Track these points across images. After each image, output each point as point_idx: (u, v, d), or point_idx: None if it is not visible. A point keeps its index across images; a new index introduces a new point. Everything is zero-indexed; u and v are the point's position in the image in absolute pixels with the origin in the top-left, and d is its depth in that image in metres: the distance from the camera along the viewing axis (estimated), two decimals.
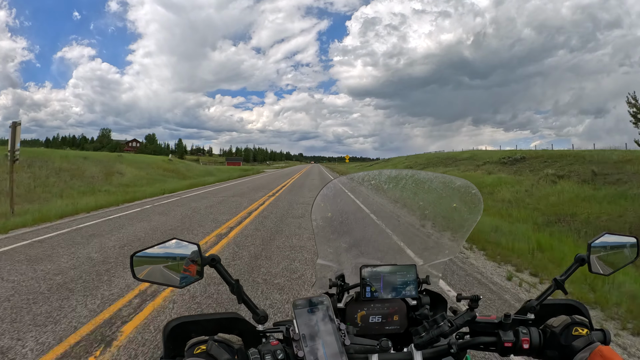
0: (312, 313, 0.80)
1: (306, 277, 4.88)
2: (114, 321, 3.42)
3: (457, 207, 1.20)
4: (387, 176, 1.30)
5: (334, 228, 1.23)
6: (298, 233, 7.75)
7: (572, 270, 0.98)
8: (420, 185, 1.28)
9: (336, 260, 1.18)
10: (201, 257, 0.83)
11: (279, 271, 5.10)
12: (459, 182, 1.21)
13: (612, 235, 1.03)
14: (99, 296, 3.98)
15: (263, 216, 9.91)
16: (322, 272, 1.15)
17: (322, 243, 1.17)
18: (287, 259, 5.70)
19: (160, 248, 0.83)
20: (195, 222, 8.87)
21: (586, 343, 0.80)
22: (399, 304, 1.08)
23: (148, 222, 8.74)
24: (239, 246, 6.48)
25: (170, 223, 8.70)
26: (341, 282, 1.12)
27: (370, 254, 1.29)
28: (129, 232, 7.50)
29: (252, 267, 5.28)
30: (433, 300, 1.13)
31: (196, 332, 0.80)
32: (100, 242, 6.54)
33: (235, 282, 0.85)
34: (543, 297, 0.95)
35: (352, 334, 0.86)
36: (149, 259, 0.83)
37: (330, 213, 1.22)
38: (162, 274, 0.83)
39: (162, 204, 12.15)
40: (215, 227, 8.14)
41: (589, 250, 0.99)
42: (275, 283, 4.59)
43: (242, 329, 0.84)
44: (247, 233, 7.62)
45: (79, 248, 6.05)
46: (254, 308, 0.84)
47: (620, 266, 1.04)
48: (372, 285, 1.04)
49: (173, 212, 10.39)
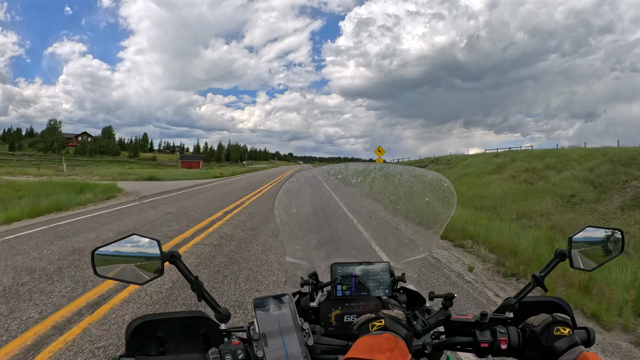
0: (274, 311, 0.78)
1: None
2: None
3: (429, 201, 1.14)
4: (354, 170, 1.24)
5: (301, 224, 1.18)
6: None
7: (552, 266, 0.93)
8: (390, 179, 1.22)
9: (306, 257, 1.14)
10: (161, 253, 0.81)
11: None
12: (430, 175, 1.15)
13: (594, 228, 0.97)
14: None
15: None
16: (293, 270, 1.11)
17: (289, 240, 1.14)
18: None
19: (120, 244, 0.82)
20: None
21: (568, 344, 0.74)
22: (374, 302, 1.04)
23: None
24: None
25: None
26: (313, 280, 1.08)
27: (344, 251, 1.25)
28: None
29: None
30: (410, 298, 1.09)
31: (161, 330, 0.80)
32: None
33: (195, 278, 0.82)
34: (522, 295, 0.91)
35: (320, 334, 0.84)
36: (110, 256, 0.82)
37: (295, 209, 1.17)
38: (123, 270, 0.82)
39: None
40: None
41: (570, 245, 0.94)
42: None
43: (206, 327, 0.83)
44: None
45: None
46: (215, 306, 0.81)
47: (603, 261, 0.98)
48: (343, 284, 1.01)
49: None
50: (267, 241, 6.39)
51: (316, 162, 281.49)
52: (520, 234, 7.10)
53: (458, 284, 4.60)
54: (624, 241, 0.97)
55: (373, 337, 0.69)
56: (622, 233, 0.97)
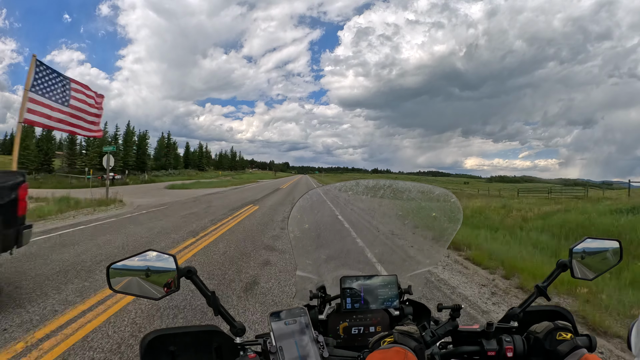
0: (290, 325, 0.79)
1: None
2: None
3: (436, 216, 1.19)
4: (364, 186, 1.28)
5: (312, 239, 1.21)
6: None
7: (554, 277, 0.96)
8: (399, 195, 1.27)
9: (316, 271, 1.17)
10: (177, 268, 0.82)
11: None
12: (438, 191, 1.20)
13: (593, 239, 1.02)
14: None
15: None
16: (302, 283, 1.14)
17: (301, 255, 1.16)
18: None
19: (137, 259, 0.82)
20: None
21: (571, 347, 0.78)
22: (381, 314, 1.07)
23: None
24: None
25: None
26: (322, 293, 1.10)
27: (352, 264, 1.27)
28: None
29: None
30: (416, 310, 1.12)
31: (174, 344, 0.80)
32: None
33: (211, 293, 0.83)
34: (526, 305, 0.94)
35: (332, 346, 0.84)
36: (125, 271, 0.81)
37: (308, 224, 1.20)
38: (139, 285, 0.81)
39: None
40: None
41: (570, 256, 0.98)
42: None
43: (220, 341, 0.83)
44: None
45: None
46: (231, 320, 0.82)
47: (603, 270, 1.02)
48: (352, 297, 1.02)
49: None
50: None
51: (316, 172, 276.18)
52: None
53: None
54: (622, 251, 1.01)
55: (383, 351, 0.73)
56: (620, 243, 1.02)
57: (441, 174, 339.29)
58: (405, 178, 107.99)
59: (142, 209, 12.86)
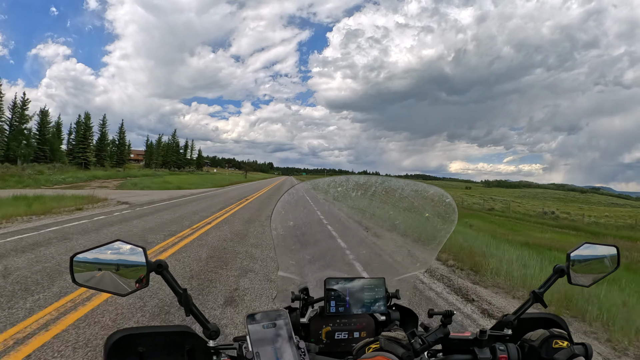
0: (269, 328, 0.73)
1: None
2: None
3: (429, 217, 1.14)
4: (355, 183, 1.22)
5: (297, 238, 1.16)
6: None
7: (551, 282, 0.94)
8: (391, 194, 1.21)
9: (299, 272, 1.12)
10: (147, 262, 0.76)
11: None
12: (432, 191, 1.15)
13: (591, 245, 0.99)
14: None
15: None
16: (284, 284, 1.08)
17: (283, 254, 1.10)
18: None
19: (102, 251, 0.76)
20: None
21: (568, 355, 0.76)
22: (367, 319, 1.02)
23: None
24: None
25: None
26: (304, 295, 1.05)
27: (337, 266, 1.22)
28: None
29: None
30: (403, 316, 1.08)
31: (143, 345, 0.75)
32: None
33: (183, 291, 0.77)
34: (521, 312, 0.91)
35: (314, 352, 0.81)
36: (90, 263, 0.75)
37: (292, 222, 1.14)
38: (105, 279, 0.75)
39: None
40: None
41: (568, 261, 0.95)
42: None
43: (192, 344, 0.78)
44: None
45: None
46: (204, 322, 0.77)
47: (600, 276, 1.00)
48: (337, 300, 0.98)
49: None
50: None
51: (303, 173, 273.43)
52: None
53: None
54: (619, 257, 0.99)
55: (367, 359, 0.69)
56: (618, 249, 1.00)
57: (428, 177, 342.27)
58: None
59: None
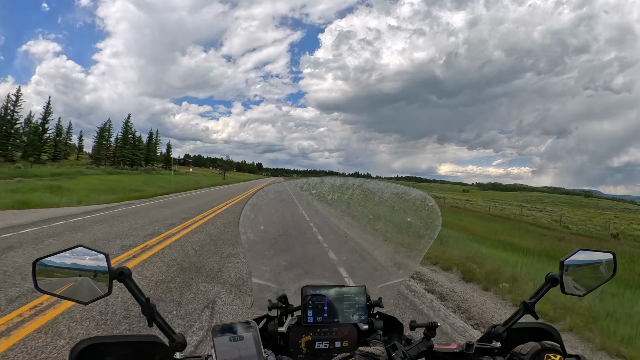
0: (236, 342, 0.71)
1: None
2: None
3: (411, 221, 1.06)
4: (330, 185, 1.14)
5: (269, 243, 1.09)
6: None
7: (543, 292, 0.88)
8: (370, 197, 1.14)
9: (275, 279, 1.05)
10: (109, 269, 0.73)
11: None
12: (414, 194, 1.09)
13: (586, 251, 0.93)
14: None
15: None
16: (260, 292, 1.02)
17: (256, 260, 1.04)
18: None
19: (65, 256, 0.73)
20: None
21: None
22: (349, 328, 0.97)
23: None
24: None
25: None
26: (283, 303, 1.00)
27: (317, 272, 1.17)
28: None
29: None
30: (387, 324, 1.02)
31: (111, 355, 0.72)
32: None
33: (146, 300, 0.74)
34: (511, 323, 0.86)
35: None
36: (54, 268, 0.73)
37: (263, 226, 1.07)
38: (67, 286, 0.73)
39: None
40: None
41: (561, 269, 0.89)
42: None
43: (161, 354, 0.75)
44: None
45: None
46: (169, 332, 0.74)
47: (596, 285, 0.94)
48: (315, 309, 0.93)
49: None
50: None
51: (294, 174, 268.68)
52: None
53: None
54: (616, 264, 0.93)
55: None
56: (614, 256, 0.93)
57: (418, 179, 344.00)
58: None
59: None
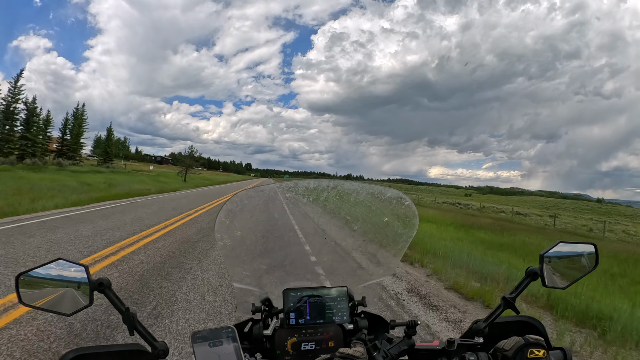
0: (216, 347, 0.72)
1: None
2: None
3: (389, 221, 1.06)
4: (304, 187, 1.14)
5: (247, 247, 1.08)
6: None
7: (523, 287, 0.88)
8: (346, 198, 1.13)
9: (257, 283, 1.05)
10: (89, 280, 0.74)
11: None
12: (389, 194, 1.09)
13: (566, 244, 0.92)
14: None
15: None
16: (243, 296, 1.01)
17: (235, 265, 1.04)
18: None
19: (46, 269, 0.75)
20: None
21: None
22: (334, 328, 0.97)
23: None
24: None
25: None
26: (266, 306, 0.99)
27: (299, 274, 1.18)
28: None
29: None
30: (372, 323, 1.03)
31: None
32: None
33: (125, 309, 0.74)
34: (492, 318, 0.86)
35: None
36: (36, 281, 0.75)
37: (240, 231, 1.07)
38: (49, 299, 0.75)
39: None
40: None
41: (541, 263, 0.89)
42: None
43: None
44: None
45: None
46: (151, 340, 0.75)
47: (577, 277, 0.92)
48: (297, 311, 0.93)
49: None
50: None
51: (286, 175, 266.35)
52: None
53: None
54: (597, 255, 0.92)
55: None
56: (596, 247, 0.92)
57: (410, 182, 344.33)
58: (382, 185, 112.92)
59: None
